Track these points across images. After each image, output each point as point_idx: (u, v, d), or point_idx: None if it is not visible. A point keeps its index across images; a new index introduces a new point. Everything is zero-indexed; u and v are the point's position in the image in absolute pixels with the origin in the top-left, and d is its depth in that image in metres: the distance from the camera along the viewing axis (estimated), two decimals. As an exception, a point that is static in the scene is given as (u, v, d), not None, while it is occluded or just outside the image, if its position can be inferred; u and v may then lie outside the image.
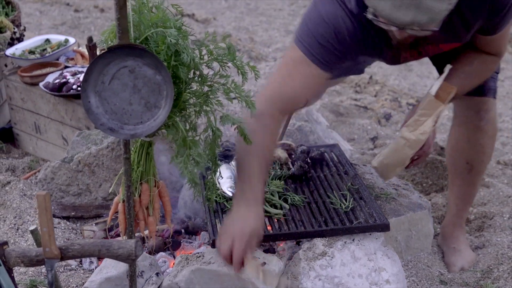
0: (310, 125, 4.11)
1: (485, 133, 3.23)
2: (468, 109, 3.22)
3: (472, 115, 3.21)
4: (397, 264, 2.79)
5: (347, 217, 2.93)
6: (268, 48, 7.37)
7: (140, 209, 2.59)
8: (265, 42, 7.60)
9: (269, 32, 8.03)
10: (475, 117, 3.20)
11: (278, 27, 8.29)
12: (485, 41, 2.91)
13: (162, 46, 2.33)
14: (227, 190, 3.02)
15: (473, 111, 3.20)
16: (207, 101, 2.50)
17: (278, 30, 8.15)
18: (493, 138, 3.30)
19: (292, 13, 8.92)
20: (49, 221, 2.30)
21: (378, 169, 3.05)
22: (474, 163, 3.31)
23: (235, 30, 7.98)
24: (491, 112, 3.22)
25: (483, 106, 3.18)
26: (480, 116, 3.19)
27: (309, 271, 2.71)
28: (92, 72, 2.27)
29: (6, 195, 3.61)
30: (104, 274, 2.71)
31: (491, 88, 3.18)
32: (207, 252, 2.81)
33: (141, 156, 2.56)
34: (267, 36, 7.88)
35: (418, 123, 2.85)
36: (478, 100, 3.17)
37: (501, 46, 2.98)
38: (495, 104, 3.24)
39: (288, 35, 7.90)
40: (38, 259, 2.38)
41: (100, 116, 2.30)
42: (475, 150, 3.27)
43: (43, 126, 4.22)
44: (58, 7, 8.84)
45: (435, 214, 3.81)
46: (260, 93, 3.00)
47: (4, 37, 4.40)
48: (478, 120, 3.19)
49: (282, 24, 8.38)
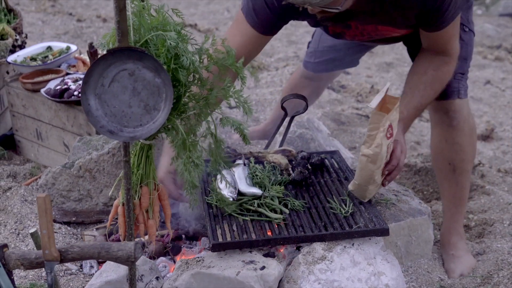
0: (311, 132, 4.12)
1: (460, 131, 3.31)
2: (437, 111, 3.32)
3: (442, 116, 3.31)
4: (396, 269, 2.79)
5: (346, 222, 2.94)
6: (270, 58, 7.39)
7: (140, 212, 2.60)
8: (267, 52, 7.61)
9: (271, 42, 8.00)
10: (446, 118, 3.30)
11: (280, 37, 8.30)
12: (432, 38, 3.02)
13: (162, 49, 2.35)
14: (228, 195, 3.02)
15: (442, 113, 3.30)
16: (207, 105, 2.51)
17: (280, 40, 8.16)
18: (470, 136, 3.37)
19: (295, 24, 8.92)
20: (49, 223, 2.31)
21: (354, 192, 3.08)
22: (456, 162, 3.38)
23: (237, 41, 7.99)
24: (461, 111, 3.30)
25: (450, 107, 3.27)
26: (450, 117, 3.29)
27: (308, 275, 2.72)
28: (92, 74, 2.28)
29: (7, 201, 3.61)
30: (104, 277, 2.71)
31: (454, 90, 3.26)
32: (207, 257, 2.82)
33: (141, 159, 2.57)
34: (269, 46, 7.87)
35: (371, 138, 2.90)
36: (444, 103, 3.27)
37: (449, 44, 3.04)
38: (464, 103, 3.31)
39: (290, 45, 7.92)
40: (38, 262, 2.38)
41: (99, 118, 2.31)
42: (454, 149, 3.35)
43: (44, 133, 4.24)
44: (61, 16, 8.87)
45: (436, 221, 3.82)
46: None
47: (6, 44, 4.41)
48: (450, 120, 3.30)
49: (284, 35, 8.39)
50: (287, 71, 6.54)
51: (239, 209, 3.03)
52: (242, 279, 2.65)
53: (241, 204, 3.05)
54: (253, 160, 3.40)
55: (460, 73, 3.26)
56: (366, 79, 6.75)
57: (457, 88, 3.27)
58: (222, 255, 2.80)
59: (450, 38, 3.02)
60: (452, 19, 2.88)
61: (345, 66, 4.15)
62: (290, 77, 4.54)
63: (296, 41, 8.04)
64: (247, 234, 2.86)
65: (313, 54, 4.02)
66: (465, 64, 3.29)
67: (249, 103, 2.56)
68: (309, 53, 4.07)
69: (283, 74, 6.46)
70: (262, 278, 2.67)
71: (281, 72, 6.58)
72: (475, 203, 4.06)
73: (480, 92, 6.48)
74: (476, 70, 7.08)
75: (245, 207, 3.04)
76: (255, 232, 2.88)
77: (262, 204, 3.04)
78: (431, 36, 3.01)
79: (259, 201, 3.05)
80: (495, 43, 8.10)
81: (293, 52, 7.48)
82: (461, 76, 3.26)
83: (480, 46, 7.88)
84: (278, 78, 6.38)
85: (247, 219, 2.96)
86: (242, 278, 2.66)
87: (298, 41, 7.98)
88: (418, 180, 4.37)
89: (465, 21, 3.24)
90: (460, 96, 3.27)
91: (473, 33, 3.33)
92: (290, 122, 3.63)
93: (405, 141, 3.10)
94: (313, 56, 4.03)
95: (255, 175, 3.24)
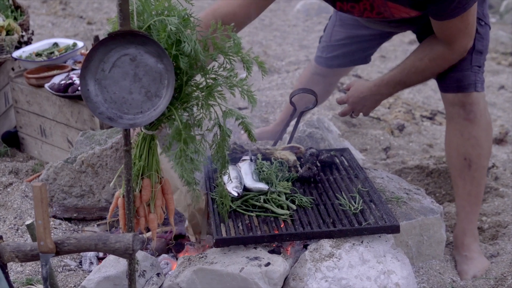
0: (321, 132, 4.03)
1: (477, 125, 3.25)
2: (453, 105, 3.26)
3: (458, 110, 3.25)
4: (407, 267, 2.69)
5: (356, 219, 2.84)
6: (282, 61, 7.31)
7: (140, 206, 2.51)
8: (279, 55, 7.53)
9: (282, 47, 7.97)
10: (462, 111, 3.24)
11: (292, 42, 8.23)
12: (437, 27, 3.05)
13: (163, 35, 2.26)
14: (233, 190, 2.93)
15: (458, 106, 3.24)
16: (210, 95, 2.42)
17: (291, 44, 8.08)
18: (487, 131, 3.30)
19: (307, 29, 8.86)
20: (45, 213, 2.22)
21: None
22: (472, 157, 3.29)
23: (248, 44, 7.91)
24: (478, 104, 3.24)
25: (466, 100, 3.22)
26: (467, 110, 3.23)
27: (315, 272, 2.61)
28: (92, 59, 2.20)
29: (7, 196, 3.54)
30: (102, 273, 2.62)
31: (471, 83, 3.21)
32: (211, 253, 2.73)
33: (143, 150, 2.48)
34: (281, 50, 7.82)
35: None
36: (460, 95, 3.22)
37: (455, 38, 3.06)
38: (480, 96, 3.26)
39: (302, 49, 7.84)
40: (33, 254, 2.30)
41: (99, 104, 2.23)
42: (470, 143, 3.27)
43: (48, 129, 4.16)
44: (71, 19, 8.82)
45: (448, 223, 3.71)
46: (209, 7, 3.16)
47: (12, 39, 4.34)
48: (466, 114, 3.23)
49: (296, 39, 8.32)
50: (298, 74, 6.45)
51: (244, 205, 2.93)
52: (246, 275, 2.56)
53: (246, 199, 2.95)
54: (260, 157, 3.30)
55: (477, 66, 3.20)
56: (379, 83, 6.64)
57: (474, 81, 3.20)
58: (226, 251, 2.71)
59: (457, 33, 3.04)
60: (458, 12, 2.90)
61: (357, 62, 4.06)
62: (301, 74, 4.45)
63: (307, 45, 7.96)
64: (252, 230, 2.77)
65: (325, 49, 3.96)
66: (480, 57, 3.22)
67: (253, 93, 2.46)
68: (321, 47, 4.00)
69: (294, 77, 6.38)
70: (267, 274, 2.57)
71: (292, 75, 6.50)
72: (488, 205, 3.95)
73: (494, 97, 6.38)
74: (490, 76, 6.98)
75: (251, 203, 2.94)
76: (261, 228, 2.78)
77: (268, 200, 2.94)
78: (437, 25, 3.04)
79: (265, 196, 2.96)
80: (508, 50, 8.02)
81: (304, 56, 7.40)
82: (478, 69, 3.20)
83: (494, 53, 7.80)
84: (289, 80, 6.29)
85: (252, 215, 2.87)
86: (245, 274, 2.56)
87: (310, 46, 7.89)
88: (430, 182, 4.26)
89: (480, 15, 3.20)
90: (477, 89, 3.20)
91: (488, 26, 3.25)
92: (299, 117, 3.53)
93: (364, 87, 3.42)
94: (325, 50, 3.96)
95: (262, 171, 3.14)
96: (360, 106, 3.48)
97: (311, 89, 3.44)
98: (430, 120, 5.57)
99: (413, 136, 5.16)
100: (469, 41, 3.10)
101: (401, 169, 4.38)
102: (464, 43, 3.09)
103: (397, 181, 3.45)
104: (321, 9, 9.52)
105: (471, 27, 3.05)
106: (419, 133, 5.25)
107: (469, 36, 3.08)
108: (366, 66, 6.80)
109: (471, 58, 3.18)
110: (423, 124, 5.47)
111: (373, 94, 3.42)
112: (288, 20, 9.33)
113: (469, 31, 3.06)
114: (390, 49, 7.57)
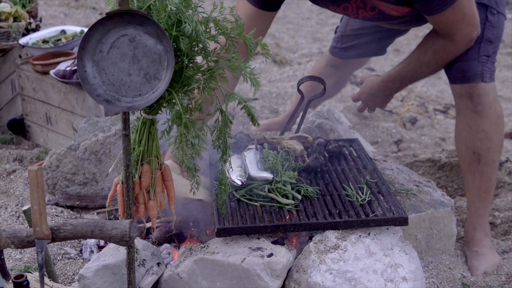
0: (331, 123, 3.94)
1: (486, 118, 3.17)
2: (461, 96, 3.19)
3: (466, 101, 3.18)
4: (415, 261, 2.60)
5: (363, 210, 2.75)
6: (294, 54, 7.22)
7: (140, 192, 2.43)
8: (291, 48, 7.45)
9: (295, 39, 7.89)
10: (470, 103, 3.17)
11: (305, 34, 8.14)
12: (432, 21, 3.06)
13: (163, 15, 2.18)
14: (236, 179, 2.85)
15: (465, 98, 3.17)
16: (212, 78, 2.34)
17: (305, 37, 7.99)
18: (497, 123, 3.22)
19: (320, 22, 8.76)
20: (41, 198, 2.17)
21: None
22: (481, 151, 3.21)
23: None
24: (486, 96, 3.16)
25: (473, 91, 3.14)
26: (474, 102, 3.15)
27: (319, 264, 2.53)
28: (90, 39, 2.14)
29: (10, 183, 3.49)
30: (101, 261, 2.55)
31: (477, 73, 3.14)
32: (213, 243, 2.66)
33: (143, 135, 2.41)
34: (293, 42, 7.73)
35: None
36: (466, 86, 3.15)
37: (452, 29, 3.03)
38: (489, 87, 3.18)
39: (315, 42, 7.75)
40: (28, 240, 2.25)
41: (96, 86, 2.17)
42: (479, 137, 3.19)
43: (54, 117, 4.10)
44: (84, 10, 8.77)
45: (460, 217, 3.62)
46: None
47: (18, 26, 4.28)
48: (474, 106, 3.16)
49: (309, 32, 8.23)
50: (310, 66, 6.37)
51: (248, 194, 2.86)
52: (248, 266, 2.48)
53: (251, 189, 2.87)
54: (266, 146, 3.22)
55: (485, 56, 3.11)
56: (392, 76, 6.55)
57: (481, 71, 3.11)
58: (228, 241, 2.63)
59: (454, 25, 3.01)
60: (446, 5, 2.88)
61: (372, 53, 4.00)
62: (313, 66, 4.38)
63: (321, 38, 7.87)
64: (256, 220, 2.69)
65: (340, 39, 3.91)
66: (490, 47, 3.13)
67: (255, 75, 2.38)
68: (336, 38, 3.96)
69: (306, 69, 6.29)
70: (269, 266, 2.49)
71: (303, 67, 6.41)
72: (501, 200, 3.85)
73: (509, 92, 6.27)
74: (506, 70, 6.87)
75: (255, 192, 2.87)
76: (264, 218, 2.70)
77: (273, 189, 2.86)
78: (430, 20, 3.05)
79: (270, 186, 2.88)
80: (525, 45, 7.91)
81: (317, 49, 7.31)
82: (486, 59, 3.10)
83: (510, 47, 7.68)
84: (300, 72, 6.21)
85: (256, 204, 2.79)
86: (247, 265, 2.48)
87: (323, 38, 7.80)
88: (442, 175, 4.16)
89: (492, 4, 3.15)
90: (485, 79, 3.10)
91: (503, 15, 3.16)
92: (307, 106, 3.44)
93: (373, 84, 3.46)
94: (340, 41, 3.92)
95: (267, 160, 3.06)
96: (372, 102, 3.53)
97: (319, 77, 3.37)
98: (443, 114, 5.46)
99: (426, 130, 5.06)
100: (471, 30, 3.04)
101: (412, 162, 4.29)
102: (465, 33, 3.04)
103: (407, 173, 3.36)
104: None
105: (469, 17, 2.99)
106: (432, 126, 5.15)
107: (469, 25, 3.02)
108: (379, 59, 6.71)
109: (479, 48, 3.11)
110: (436, 117, 5.37)
111: (382, 90, 3.44)
112: (302, 13, 9.24)
113: (468, 21, 3.00)
114: (404, 42, 7.47)
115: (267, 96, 5.45)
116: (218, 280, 2.53)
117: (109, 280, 2.52)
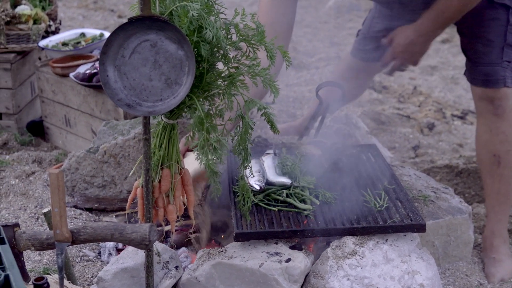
0: (349, 128, 3.95)
1: (506, 121, 3.19)
2: (482, 100, 3.21)
3: (487, 105, 3.20)
4: (432, 268, 2.60)
5: (380, 216, 2.75)
6: (311, 58, 7.22)
7: (159, 196, 2.45)
8: (309, 52, 7.45)
9: (313, 43, 7.89)
10: (491, 106, 3.18)
11: (323, 38, 8.14)
12: None
13: (184, 20, 2.20)
14: (255, 183, 2.86)
15: (486, 101, 3.19)
16: (232, 84, 2.35)
17: (322, 41, 7.99)
18: None
19: (338, 26, 8.76)
20: (61, 201, 2.18)
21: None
22: (501, 154, 3.23)
23: (278, 40, 7.85)
24: (508, 99, 3.18)
25: (495, 95, 3.16)
26: (496, 105, 3.18)
27: (337, 270, 2.54)
28: (112, 44, 2.16)
29: (29, 185, 3.52)
30: (120, 264, 2.57)
31: (500, 78, 3.15)
32: (231, 247, 2.66)
33: (163, 139, 2.43)
34: (311, 46, 7.74)
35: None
36: (489, 91, 3.17)
37: None
38: (510, 92, 3.19)
39: (332, 46, 7.75)
40: (48, 242, 2.27)
41: (118, 91, 2.19)
42: (499, 139, 3.21)
43: (73, 119, 4.13)
44: (102, 12, 8.83)
45: (477, 224, 3.60)
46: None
47: (38, 28, 4.32)
48: (494, 109, 3.18)
49: (327, 36, 8.23)
50: (327, 70, 6.37)
51: (266, 199, 2.87)
52: (266, 271, 2.49)
53: (269, 194, 2.88)
54: (284, 151, 3.23)
55: (507, 61, 3.11)
56: (409, 81, 6.53)
57: (503, 76, 3.13)
58: (246, 245, 2.64)
59: None
60: None
61: None
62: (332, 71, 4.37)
63: (338, 42, 7.87)
64: (274, 225, 2.70)
65: (363, 41, 3.88)
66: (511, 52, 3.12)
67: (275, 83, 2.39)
68: (359, 40, 3.92)
69: (323, 73, 6.29)
70: (287, 271, 2.50)
71: (321, 71, 6.42)
72: (520, 206, 3.84)
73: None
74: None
75: (273, 197, 2.87)
76: (282, 223, 2.71)
77: (291, 194, 2.87)
78: None
79: (288, 191, 2.89)
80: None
81: (334, 53, 7.31)
82: (508, 64, 3.11)
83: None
84: (318, 76, 6.21)
85: (274, 209, 2.79)
86: (265, 270, 2.49)
87: (340, 43, 7.80)
88: (459, 182, 4.16)
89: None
90: (507, 84, 3.13)
91: None
92: (326, 111, 3.44)
93: (409, 30, 3.23)
94: (362, 43, 3.88)
95: (286, 165, 3.07)
96: (409, 54, 3.30)
97: (338, 82, 3.36)
98: (461, 120, 5.45)
99: (443, 135, 5.06)
100: None
101: (430, 168, 4.28)
102: None
103: (425, 180, 3.36)
104: (352, 6, 9.42)
105: None
106: (450, 132, 5.14)
107: None
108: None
109: (502, 52, 3.10)
110: (454, 123, 5.36)
111: (421, 35, 3.21)
112: (319, 17, 9.24)
113: None
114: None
115: (285, 100, 5.46)
116: (236, 284, 2.54)
117: (127, 283, 2.54)
